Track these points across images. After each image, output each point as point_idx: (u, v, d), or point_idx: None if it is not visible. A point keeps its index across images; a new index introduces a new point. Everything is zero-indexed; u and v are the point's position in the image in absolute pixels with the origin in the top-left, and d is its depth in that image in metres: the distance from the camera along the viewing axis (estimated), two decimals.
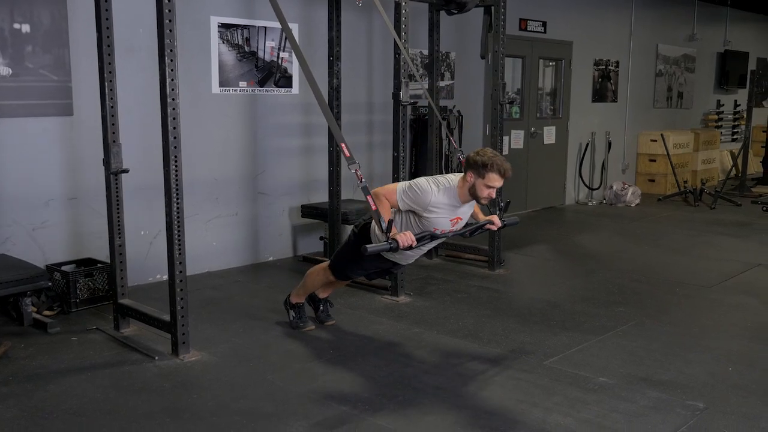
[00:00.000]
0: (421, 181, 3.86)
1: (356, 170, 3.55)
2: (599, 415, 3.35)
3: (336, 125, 3.93)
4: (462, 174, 3.88)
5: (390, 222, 3.49)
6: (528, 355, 4.10)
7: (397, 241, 3.48)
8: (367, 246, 3.48)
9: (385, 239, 3.52)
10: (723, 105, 12.45)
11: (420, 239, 3.60)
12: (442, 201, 3.81)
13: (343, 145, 3.56)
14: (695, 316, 4.92)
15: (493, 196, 3.84)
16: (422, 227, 3.88)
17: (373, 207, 3.52)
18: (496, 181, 3.75)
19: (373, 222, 4.02)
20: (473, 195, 3.82)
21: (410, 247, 3.54)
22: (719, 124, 12.28)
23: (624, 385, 3.69)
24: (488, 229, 3.99)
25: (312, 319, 4.59)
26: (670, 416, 3.34)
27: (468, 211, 4.01)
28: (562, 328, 4.58)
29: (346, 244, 4.33)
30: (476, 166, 3.75)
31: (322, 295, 4.62)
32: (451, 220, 3.91)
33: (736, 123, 12.70)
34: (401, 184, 3.88)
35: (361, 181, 3.54)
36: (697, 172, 11.07)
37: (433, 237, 3.76)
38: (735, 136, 12.66)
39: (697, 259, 6.59)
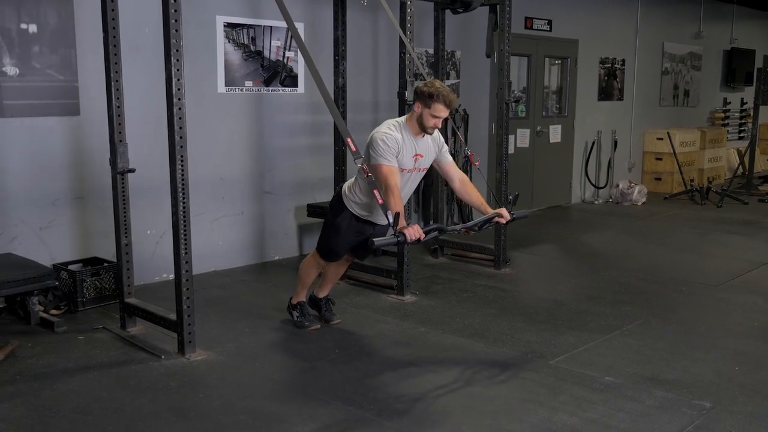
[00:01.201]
0: (378, 137, 3.88)
1: (362, 164, 3.55)
2: (605, 414, 3.34)
3: (342, 120, 3.94)
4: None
5: (397, 215, 3.48)
6: (534, 355, 4.09)
7: (404, 235, 3.48)
8: (375, 239, 3.47)
9: (392, 233, 3.51)
10: (730, 103, 12.40)
11: (427, 232, 3.60)
12: (401, 138, 3.91)
13: (349, 140, 3.57)
14: (702, 315, 4.91)
15: (439, 125, 3.96)
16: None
17: (380, 201, 3.52)
18: (441, 111, 3.87)
19: (345, 186, 4.15)
20: (421, 125, 3.93)
21: (418, 241, 3.54)
22: (726, 122, 12.23)
23: (630, 384, 3.68)
24: (497, 223, 3.96)
25: (317, 319, 4.59)
26: (676, 416, 3.34)
27: (430, 149, 4.06)
28: (568, 327, 4.57)
29: (324, 224, 4.38)
30: (423, 97, 3.87)
31: (321, 294, 4.63)
32: (413, 157, 3.98)
33: (742, 121, 12.65)
34: (376, 159, 3.84)
35: (367, 176, 3.53)
36: (704, 170, 11.03)
37: (441, 230, 3.77)
38: (742, 134, 12.61)
39: (704, 258, 6.57)
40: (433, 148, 4.09)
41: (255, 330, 4.49)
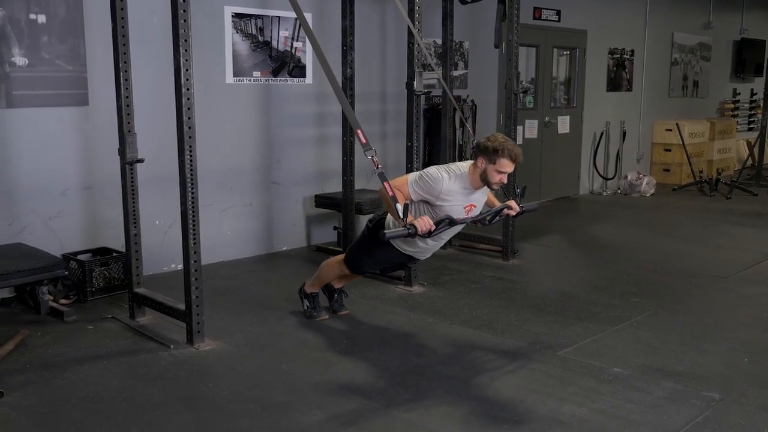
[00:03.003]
0: (432, 170, 3.84)
1: (372, 156, 3.52)
2: (614, 405, 3.34)
3: (351, 111, 3.91)
4: (472, 161, 3.87)
5: (406, 206, 3.46)
6: (542, 346, 4.09)
7: (415, 227, 3.46)
8: (385, 231, 3.45)
9: (402, 226, 3.49)
10: (739, 94, 12.33)
11: (438, 224, 3.58)
12: (455, 188, 3.79)
13: (359, 131, 3.55)
14: (711, 306, 4.89)
15: (505, 181, 3.82)
16: (435, 217, 3.85)
17: (390, 193, 3.48)
18: (507, 166, 3.74)
19: (388, 216, 3.98)
20: (485, 181, 3.80)
21: (429, 233, 3.51)
22: (735, 113, 12.16)
23: (639, 375, 3.68)
24: (507, 215, 3.95)
25: (326, 309, 4.60)
26: (685, 407, 3.33)
27: (482, 198, 3.98)
28: (576, 318, 4.57)
29: (360, 239, 4.31)
30: (487, 152, 3.74)
31: (337, 285, 4.62)
32: (464, 208, 3.88)
33: (752, 112, 12.58)
34: (412, 175, 3.87)
35: (377, 168, 3.51)
36: (713, 161, 10.98)
37: (451, 222, 3.73)
38: (751, 126, 12.54)
39: (713, 250, 6.55)
40: (482, 198, 4.01)
41: (263, 320, 4.50)
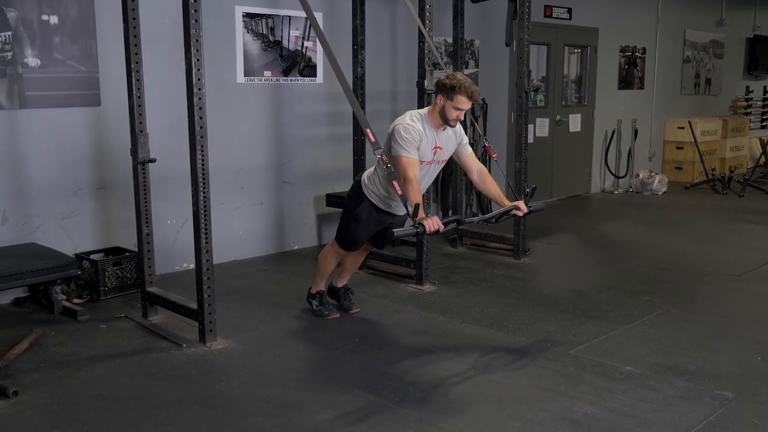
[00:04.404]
0: (400, 127, 3.89)
1: (381, 155, 3.54)
2: (626, 404, 3.33)
3: (360, 110, 3.94)
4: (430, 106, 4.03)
5: (416, 206, 3.48)
6: (554, 344, 4.08)
7: (423, 226, 3.49)
8: (394, 231, 3.48)
9: (411, 224, 3.52)
10: (752, 91, 12.25)
11: (446, 224, 3.60)
12: (422, 129, 3.91)
13: (368, 130, 3.57)
14: (723, 305, 4.87)
15: (462, 118, 3.94)
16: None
17: (399, 192, 3.53)
18: (464, 103, 3.85)
19: (364, 176, 4.16)
20: (443, 118, 3.93)
21: (437, 232, 3.54)
22: (748, 110, 12.08)
23: (651, 374, 3.66)
24: (514, 215, 3.96)
25: (336, 308, 4.61)
26: (697, 406, 3.32)
27: (450, 139, 4.06)
28: (588, 317, 4.56)
29: (343, 212, 4.40)
30: (445, 89, 3.87)
31: (339, 284, 4.64)
32: (432, 149, 3.98)
33: (765, 110, 12.50)
34: (395, 149, 3.85)
35: (387, 167, 3.53)
36: (726, 159, 10.91)
37: (459, 222, 3.78)
38: (764, 123, 12.46)
39: (725, 248, 6.51)
40: (454, 140, 4.08)
41: (274, 319, 4.51)
